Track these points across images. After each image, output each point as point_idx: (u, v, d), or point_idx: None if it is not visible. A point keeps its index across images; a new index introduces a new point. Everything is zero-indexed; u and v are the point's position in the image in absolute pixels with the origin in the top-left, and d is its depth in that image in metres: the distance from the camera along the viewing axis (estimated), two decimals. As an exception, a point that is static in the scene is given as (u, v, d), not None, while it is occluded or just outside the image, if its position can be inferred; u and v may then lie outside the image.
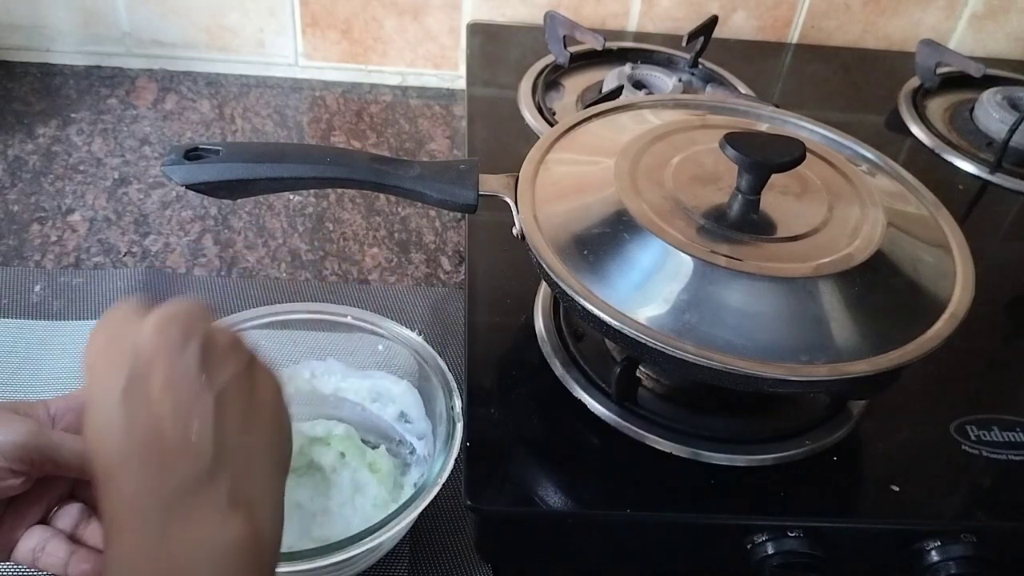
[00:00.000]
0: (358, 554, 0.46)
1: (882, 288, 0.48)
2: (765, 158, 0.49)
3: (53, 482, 0.42)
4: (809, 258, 0.48)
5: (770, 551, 0.49)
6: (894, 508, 0.50)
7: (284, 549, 0.37)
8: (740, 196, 0.50)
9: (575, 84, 0.88)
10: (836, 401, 0.55)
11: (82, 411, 0.35)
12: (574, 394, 0.54)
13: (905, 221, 0.53)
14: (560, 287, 0.48)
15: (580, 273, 0.48)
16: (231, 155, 0.51)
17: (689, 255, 0.47)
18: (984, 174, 0.80)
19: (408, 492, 0.56)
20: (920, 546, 0.50)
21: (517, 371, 0.56)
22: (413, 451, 0.58)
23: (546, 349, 0.57)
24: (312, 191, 0.83)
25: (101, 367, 0.34)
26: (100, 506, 0.33)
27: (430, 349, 0.57)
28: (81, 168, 0.83)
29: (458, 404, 0.53)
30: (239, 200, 0.80)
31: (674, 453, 0.51)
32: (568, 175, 0.54)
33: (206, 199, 0.80)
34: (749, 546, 0.50)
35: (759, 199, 0.50)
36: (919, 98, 0.91)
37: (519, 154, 0.55)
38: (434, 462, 0.50)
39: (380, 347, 0.59)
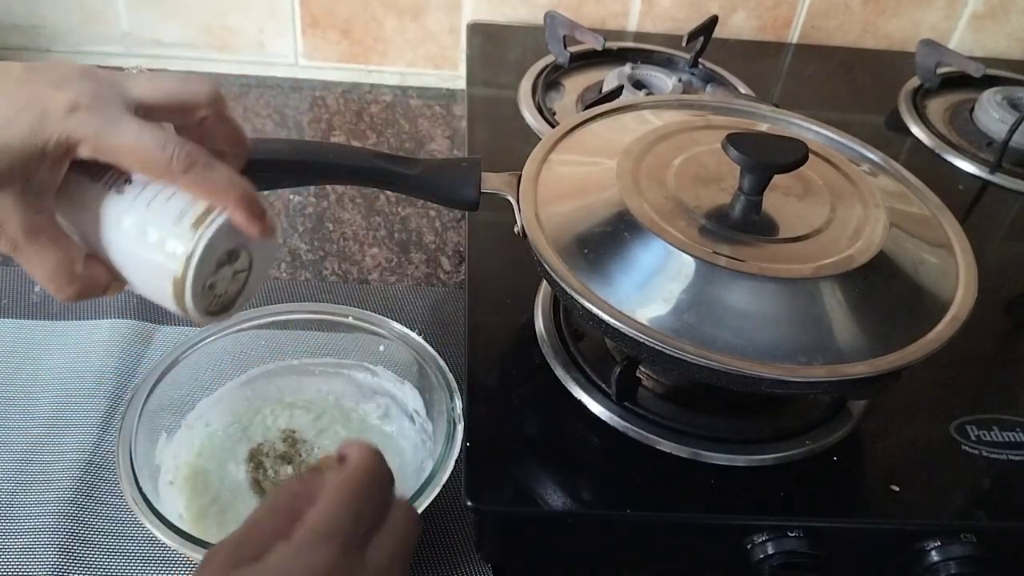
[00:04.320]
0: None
1: (883, 289, 0.48)
2: (768, 159, 0.49)
3: None
4: (811, 259, 0.48)
5: (770, 551, 0.49)
6: (894, 508, 0.50)
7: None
8: (742, 197, 0.50)
9: (575, 84, 0.88)
10: (836, 401, 0.55)
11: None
12: (574, 394, 0.54)
13: (907, 222, 0.53)
14: (561, 286, 0.48)
15: (581, 272, 0.48)
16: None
17: (690, 255, 0.47)
18: (984, 174, 0.80)
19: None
20: (920, 546, 0.50)
21: (517, 371, 0.56)
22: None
23: (546, 349, 0.57)
24: (312, 191, 0.83)
25: None
26: None
27: (430, 349, 0.57)
28: (81, 167, 0.83)
29: (458, 404, 0.53)
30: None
31: (674, 453, 0.51)
32: (570, 175, 0.54)
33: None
34: (749, 546, 0.49)
35: (761, 200, 0.50)
36: (919, 98, 0.91)
37: (519, 154, 0.55)
38: (434, 462, 0.50)
39: (380, 347, 0.59)
